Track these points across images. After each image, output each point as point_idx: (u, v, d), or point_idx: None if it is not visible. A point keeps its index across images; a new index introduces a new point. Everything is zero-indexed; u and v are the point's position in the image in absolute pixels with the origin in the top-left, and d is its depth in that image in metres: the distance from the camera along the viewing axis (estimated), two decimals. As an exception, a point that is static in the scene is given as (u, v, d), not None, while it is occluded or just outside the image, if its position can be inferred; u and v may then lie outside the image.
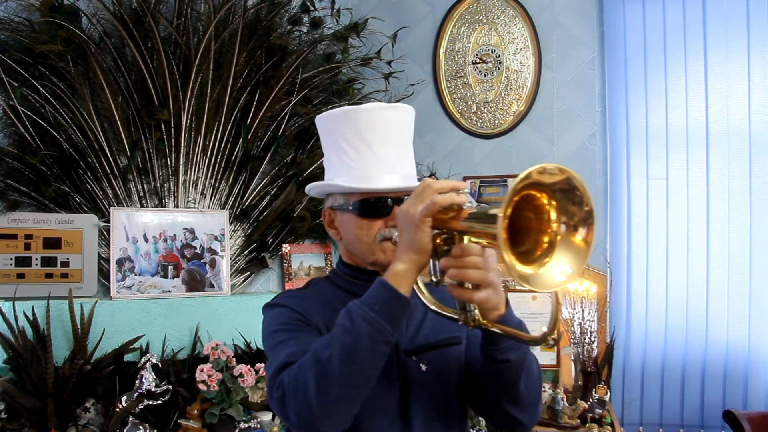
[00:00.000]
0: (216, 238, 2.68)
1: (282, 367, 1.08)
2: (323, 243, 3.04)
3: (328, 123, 1.30)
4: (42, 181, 2.40)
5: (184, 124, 2.61)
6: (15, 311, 2.09)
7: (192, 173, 2.69)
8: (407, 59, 3.26)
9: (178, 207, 2.66)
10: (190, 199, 2.70)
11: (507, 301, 1.07)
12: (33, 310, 2.13)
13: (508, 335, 1.04)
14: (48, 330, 2.12)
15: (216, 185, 2.77)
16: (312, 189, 1.32)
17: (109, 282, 2.45)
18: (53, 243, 2.38)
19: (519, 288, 2.77)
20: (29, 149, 2.38)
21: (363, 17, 3.12)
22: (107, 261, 2.50)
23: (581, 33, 3.12)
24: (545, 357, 2.85)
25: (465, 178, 3.20)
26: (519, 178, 0.83)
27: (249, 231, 2.88)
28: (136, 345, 2.29)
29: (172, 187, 2.66)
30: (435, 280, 1.08)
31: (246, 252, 2.87)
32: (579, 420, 2.56)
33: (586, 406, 2.57)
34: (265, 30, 2.81)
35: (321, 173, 1.34)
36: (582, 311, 2.79)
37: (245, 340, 2.54)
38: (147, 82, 2.54)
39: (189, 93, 2.59)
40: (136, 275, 2.49)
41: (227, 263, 2.69)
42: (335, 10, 3.08)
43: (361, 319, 1.00)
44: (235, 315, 2.57)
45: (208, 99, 2.66)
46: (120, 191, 2.55)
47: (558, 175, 0.86)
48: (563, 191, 0.88)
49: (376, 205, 1.22)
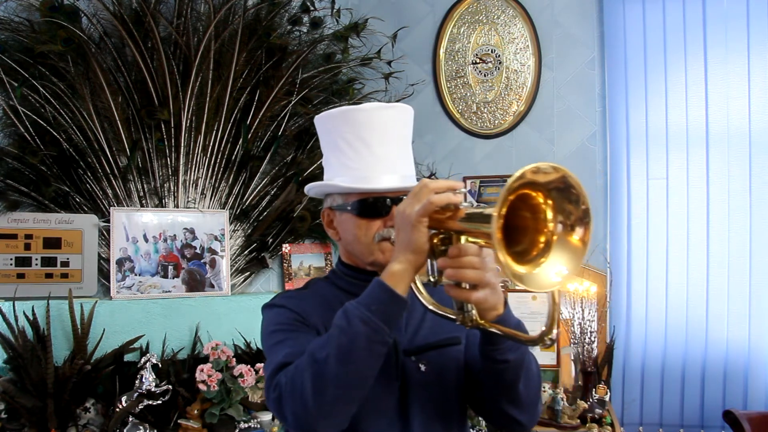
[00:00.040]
0: (216, 238, 2.68)
1: (279, 368, 1.08)
2: (323, 243, 3.04)
3: (326, 123, 1.30)
4: (42, 181, 2.40)
5: (184, 124, 2.61)
6: (15, 311, 2.10)
7: (192, 173, 2.69)
8: (407, 59, 3.26)
9: (178, 207, 2.66)
10: (190, 199, 2.70)
11: (506, 302, 1.07)
12: (33, 310, 2.14)
13: (505, 335, 1.04)
14: (48, 330, 2.12)
15: (216, 185, 2.77)
16: (311, 189, 1.32)
17: (109, 282, 2.45)
18: (53, 243, 2.39)
19: (519, 288, 2.76)
20: (29, 149, 2.38)
21: (363, 17, 3.12)
22: (107, 261, 2.50)
23: (581, 33, 3.12)
24: (545, 357, 2.85)
25: (465, 178, 3.20)
26: (513, 177, 0.83)
27: (249, 231, 2.88)
28: (136, 345, 2.30)
29: (172, 187, 2.66)
30: (433, 280, 1.08)
31: (246, 252, 2.87)
32: (579, 420, 2.56)
33: (586, 406, 2.57)
34: (265, 30, 2.81)
35: (321, 173, 1.33)
36: (582, 311, 2.79)
37: (245, 340, 2.54)
38: (147, 82, 2.54)
39: (189, 93, 2.59)
40: (136, 275, 2.49)
41: (227, 263, 2.69)
42: (335, 10, 3.08)
43: (358, 320, 1.00)
44: (235, 315, 2.57)
45: (208, 99, 2.66)
46: (120, 191, 2.56)
47: (552, 174, 0.86)
48: (559, 190, 0.87)
49: (374, 205, 1.22)
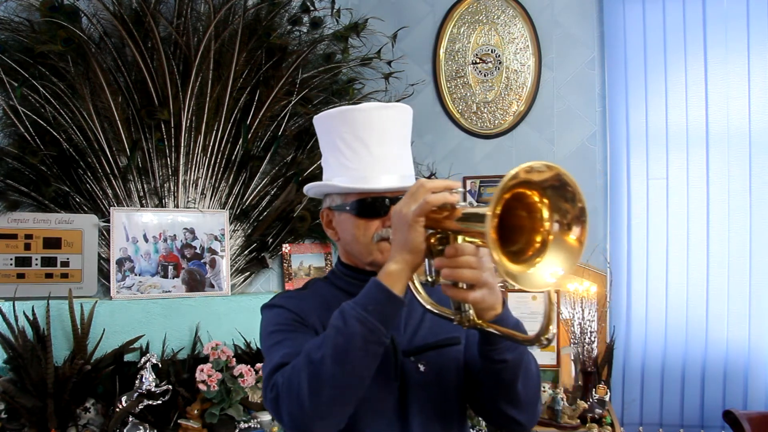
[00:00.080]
0: (216, 238, 2.68)
1: (277, 368, 1.08)
2: (323, 243, 3.04)
3: (325, 123, 1.30)
4: (42, 181, 2.40)
5: (184, 124, 2.62)
6: (15, 311, 2.10)
7: (192, 173, 2.69)
8: (407, 59, 3.26)
9: (178, 207, 2.67)
10: (190, 199, 2.70)
11: (504, 301, 1.07)
12: (33, 310, 2.14)
13: (502, 335, 1.03)
14: (48, 330, 2.12)
15: (216, 185, 2.77)
16: (310, 189, 1.32)
17: (109, 282, 2.45)
18: (53, 243, 2.39)
19: (518, 288, 2.76)
20: (29, 149, 2.39)
21: (363, 17, 3.12)
22: (107, 261, 2.50)
23: (581, 33, 3.12)
24: (545, 357, 2.85)
25: (465, 178, 3.20)
26: (507, 176, 0.82)
27: (249, 231, 2.88)
28: (136, 345, 2.30)
29: (172, 187, 2.66)
30: (430, 280, 1.08)
31: (246, 252, 2.88)
32: (579, 420, 2.56)
33: (586, 406, 2.57)
34: (265, 30, 2.81)
35: (321, 173, 1.34)
36: (582, 311, 2.78)
37: (245, 340, 2.54)
38: (147, 82, 2.54)
39: (189, 93, 2.60)
40: (136, 275, 2.50)
41: (227, 263, 2.69)
42: (335, 10, 3.08)
43: (354, 320, 1.00)
44: (235, 315, 2.57)
45: (208, 99, 2.66)
46: (120, 191, 2.56)
47: (546, 173, 0.85)
48: (554, 188, 0.87)
49: (373, 205, 1.21)
